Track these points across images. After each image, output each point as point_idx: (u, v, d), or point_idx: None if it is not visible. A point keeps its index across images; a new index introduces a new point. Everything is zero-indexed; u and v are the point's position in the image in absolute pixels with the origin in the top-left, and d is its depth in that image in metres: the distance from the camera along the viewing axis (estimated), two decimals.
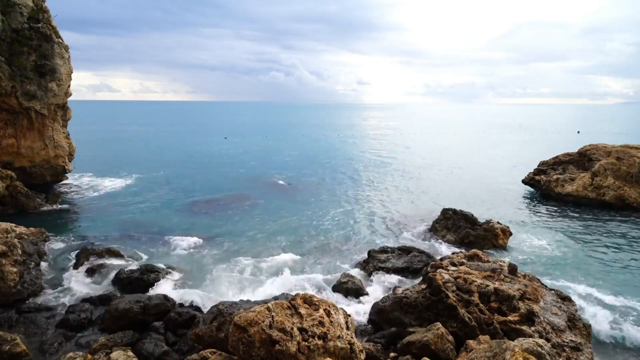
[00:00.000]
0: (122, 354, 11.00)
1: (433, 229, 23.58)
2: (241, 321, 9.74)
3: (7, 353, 11.59)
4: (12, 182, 26.69)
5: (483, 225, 22.09)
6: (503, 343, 9.61)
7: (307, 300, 10.79)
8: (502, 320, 12.09)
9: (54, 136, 31.71)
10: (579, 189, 29.97)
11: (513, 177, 39.55)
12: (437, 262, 15.76)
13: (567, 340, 11.71)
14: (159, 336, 13.16)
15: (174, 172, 42.46)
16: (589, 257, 20.44)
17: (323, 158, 54.41)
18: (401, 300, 13.64)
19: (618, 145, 32.97)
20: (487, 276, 13.87)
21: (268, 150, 62.45)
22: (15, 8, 28.53)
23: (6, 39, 27.95)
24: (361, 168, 46.70)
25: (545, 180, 33.33)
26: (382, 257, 18.79)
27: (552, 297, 13.86)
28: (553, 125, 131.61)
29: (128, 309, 13.69)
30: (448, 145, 71.33)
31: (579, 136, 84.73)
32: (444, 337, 11.39)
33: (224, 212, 28.19)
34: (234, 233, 23.56)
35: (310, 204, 30.42)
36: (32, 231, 19.60)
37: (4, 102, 28.64)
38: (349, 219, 26.81)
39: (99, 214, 27.07)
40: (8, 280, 15.47)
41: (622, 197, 28.08)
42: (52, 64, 29.93)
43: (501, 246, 21.16)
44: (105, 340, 12.41)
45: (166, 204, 30.06)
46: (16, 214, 25.43)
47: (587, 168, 32.08)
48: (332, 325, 10.16)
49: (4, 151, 29.62)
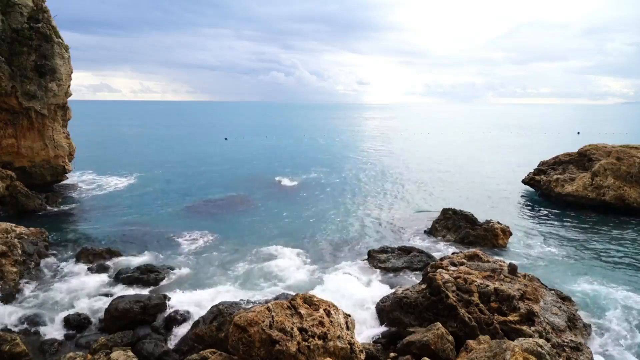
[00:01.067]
0: (122, 354, 11.00)
1: (433, 229, 23.57)
2: (241, 321, 9.74)
3: (7, 353, 11.59)
4: (12, 182, 26.69)
5: (483, 225, 22.09)
6: (503, 343, 9.61)
7: (307, 300, 10.80)
8: (502, 320, 12.10)
9: (54, 136, 31.71)
10: (579, 189, 29.96)
11: (513, 177, 39.55)
12: (437, 262, 15.76)
13: (567, 340, 11.71)
14: (159, 336, 13.17)
15: (174, 172, 42.47)
16: (589, 257, 20.44)
17: (323, 158, 54.41)
18: (401, 300, 13.64)
19: (618, 145, 32.96)
20: (487, 276, 13.87)
21: (268, 151, 62.45)
22: (15, 8, 28.55)
23: (6, 39, 27.96)
24: (361, 168, 46.71)
25: (545, 180, 33.31)
26: (382, 257, 18.79)
27: (552, 297, 13.87)
28: (553, 126, 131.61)
29: (128, 309, 13.69)
30: (448, 145, 71.32)
31: (578, 136, 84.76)
32: (444, 337, 11.40)
33: (224, 212, 28.20)
34: (233, 233, 23.56)
35: (310, 204, 30.42)
36: (32, 231, 19.59)
37: (4, 102, 28.65)
38: (349, 218, 26.80)
39: (99, 214, 27.07)
40: (8, 280, 15.48)
41: (622, 197, 28.07)
42: (52, 64, 29.94)
43: (501, 246, 21.15)
44: (105, 340, 12.42)
45: (166, 204, 30.06)
46: (16, 214, 25.43)
47: (587, 168, 32.07)
48: (332, 325, 10.16)
49: (4, 151, 29.63)
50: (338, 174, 42.54)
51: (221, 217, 26.88)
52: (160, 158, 52.31)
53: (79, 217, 26.62)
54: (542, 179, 33.86)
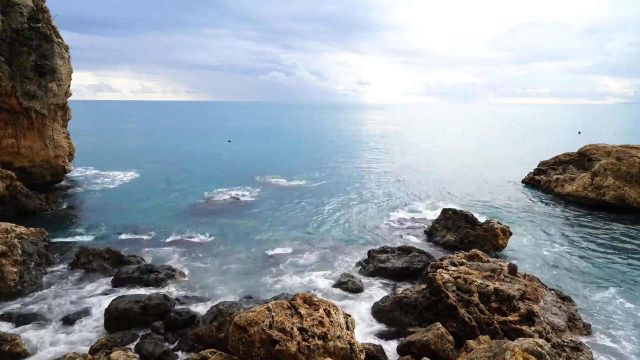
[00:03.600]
0: (122, 354, 10.99)
1: (433, 229, 23.56)
2: (241, 321, 9.74)
3: (7, 353, 11.59)
4: (12, 182, 26.68)
5: (483, 225, 22.06)
6: (503, 343, 9.61)
7: (307, 300, 10.79)
8: (502, 320, 12.09)
9: (54, 136, 31.72)
10: (579, 189, 29.96)
11: (513, 177, 39.54)
12: (437, 262, 15.76)
13: (567, 340, 11.71)
14: (159, 336, 13.16)
15: (174, 172, 42.46)
16: (589, 257, 20.44)
17: (323, 158, 54.41)
18: (401, 300, 13.65)
19: (618, 145, 32.98)
20: (487, 276, 13.87)
21: (269, 151, 62.47)
22: (15, 8, 28.54)
23: (6, 39, 27.96)
24: (361, 168, 46.72)
25: (545, 180, 33.33)
26: (382, 257, 18.78)
27: (552, 297, 13.87)
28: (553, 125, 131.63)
29: (128, 309, 13.68)
30: (448, 145, 71.34)
31: (579, 136, 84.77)
32: (444, 337, 11.39)
33: (224, 212, 28.19)
34: (233, 233, 23.56)
35: (311, 204, 30.42)
36: (32, 231, 19.59)
37: (4, 102, 28.65)
38: (350, 218, 26.81)
39: (99, 214, 27.05)
40: (8, 280, 15.47)
41: (622, 197, 28.08)
42: (52, 64, 29.94)
43: (501, 246, 21.13)
44: (105, 340, 12.41)
45: (166, 204, 30.06)
46: (16, 214, 25.42)
47: (587, 168, 32.08)
48: (332, 325, 10.15)
49: (4, 151, 29.63)
50: (338, 174, 42.56)
51: (221, 217, 26.87)
52: (160, 159, 52.29)
53: (79, 217, 26.62)
54: (542, 179, 33.89)
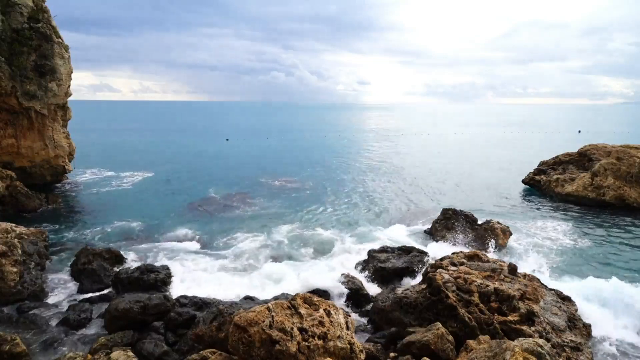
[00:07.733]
0: (122, 354, 10.99)
1: (433, 229, 23.56)
2: (241, 321, 9.73)
3: (7, 353, 11.58)
4: (12, 182, 26.69)
5: (483, 225, 22.07)
6: (503, 343, 9.60)
7: (307, 300, 10.78)
8: (502, 320, 12.09)
9: (54, 136, 31.72)
10: (579, 189, 29.95)
11: (513, 176, 39.53)
12: (437, 262, 15.75)
13: (567, 340, 11.71)
14: (159, 336, 13.16)
15: (174, 172, 42.45)
16: (589, 257, 20.44)
17: (323, 158, 54.40)
18: (401, 300, 13.64)
19: (618, 145, 32.97)
20: (487, 276, 13.86)
21: (269, 151, 62.46)
22: (15, 8, 28.54)
23: (6, 39, 27.95)
24: (361, 168, 46.71)
25: (545, 180, 33.32)
26: (382, 257, 18.77)
27: (552, 297, 13.87)
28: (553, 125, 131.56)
29: (128, 309, 13.67)
30: (448, 145, 71.33)
31: (579, 136, 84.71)
32: (444, 337, 11.39)
33: (224, 212, 28.20)
34: (233, 233, 23.57)
35: (310, 204, 30.42)
36: (32, 231, 19.58)
37: (4, 102, 28.64)
38: (349, 218, 26.81)
39: (99, 214, 27.06)
40: (8, 280, 15.47)
41: (622, 197, 28.07)
42: (52, 64, 29.93)
43: (501, 246, 21.14)
44: (105, 340, 12.41)
45: (166, 204, 30.06)
46: (16, 214, 25.43)
47: (587, 168, 32.07)
48: (332, 325, 10.15)
49: (4, 151, 29.63)
50: (338, 174, 42.54)
51: (221, 216, 26.89)
52: (160, 158, 52.28)
53: (79, 217, 26.62)
54: (542, 179, 33.87)
